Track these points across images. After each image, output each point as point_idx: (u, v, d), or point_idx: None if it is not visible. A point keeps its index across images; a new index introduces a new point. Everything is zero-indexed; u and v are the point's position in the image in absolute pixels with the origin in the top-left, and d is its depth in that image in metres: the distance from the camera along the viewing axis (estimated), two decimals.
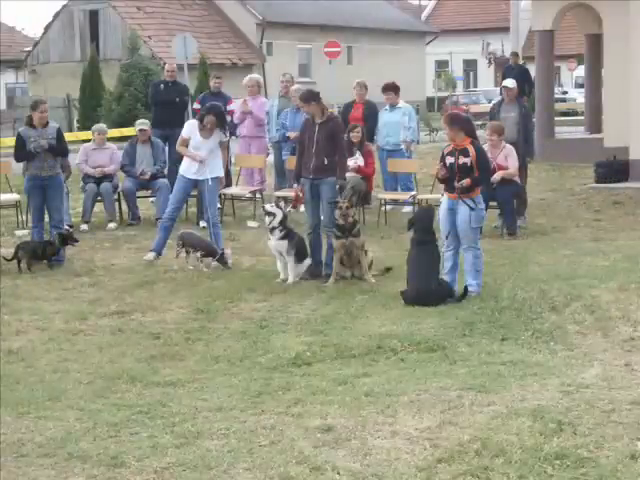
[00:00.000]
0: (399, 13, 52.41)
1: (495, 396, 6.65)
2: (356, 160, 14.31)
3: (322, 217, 10.90)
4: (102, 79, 34.90)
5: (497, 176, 12.71)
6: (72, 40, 41.66)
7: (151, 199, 15.50)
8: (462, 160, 9.65)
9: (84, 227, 14.16)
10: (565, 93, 48.83)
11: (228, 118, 14.07)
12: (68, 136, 15.98)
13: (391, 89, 15.64)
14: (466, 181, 9.58)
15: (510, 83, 14.39)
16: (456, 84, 55.87)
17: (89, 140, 15.42)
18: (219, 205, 13.30)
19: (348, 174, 12.72)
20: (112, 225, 14.32)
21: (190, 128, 11.72)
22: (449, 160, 9.74)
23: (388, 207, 14.69)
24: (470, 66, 61.31)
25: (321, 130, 10.67)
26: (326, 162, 10.67)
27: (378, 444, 5.88)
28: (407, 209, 14.97)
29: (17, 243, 11.83)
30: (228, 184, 14.90)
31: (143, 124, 15.10)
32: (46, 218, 11.96)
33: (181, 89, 16.70)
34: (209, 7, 43.89)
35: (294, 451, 5.76)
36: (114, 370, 7.53)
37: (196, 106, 15.75)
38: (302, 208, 11.82)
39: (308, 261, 10.78)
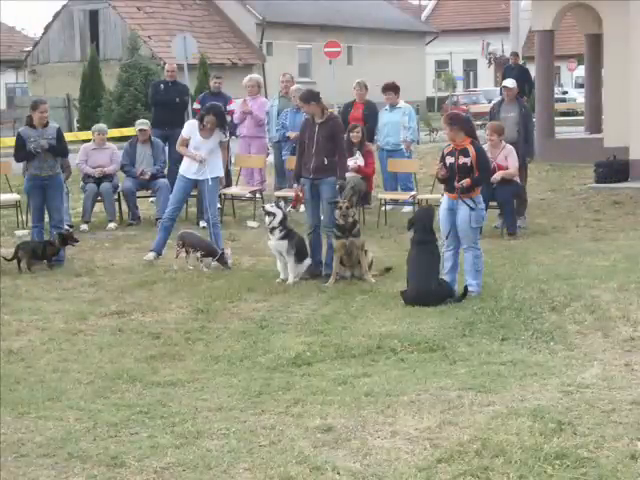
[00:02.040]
0: (399, 13, 52.44)
1: (495, 396, 6.65)
2: (356, 160, 14.31)
3: (322, 217, 10.90)
4: (102, 79, 34.94)
5: (497, 176, 12.71)
6: (72, 40, 41.68)
7: (151, 199, 15.51)
8: (462, 160, 9.65)
9: (84, 227, 14.16)
10: (565, 93, 48.85)
11: (228, 118, 14.07)
12: (68, 136, 15.98)
13: (391, 89, 15.64)
14: (466, 181, 9.57)
15: (510, 83, 14.39)
16: (456, 84, 55.91)
17: (89, 140, 15.41)
18: (219, 205, 13.30)
19: (348, 174, 12.72)
20: (112, 225, 14.32)
21: (190, 128, 11.72)
22: (449, 160, 9.74)
23: (388, 207, 14.68)
24: (470, 66, 61.35)
25: (321, 130, 10.67)
26: (326, 162, 10.66)
27: (378, 444, 5.88)
28: (407, 209, 14.97)
29: (17, 243, 11.83)
30: (228, 184, 14.91)
31: (143, 124, 15.10)
32: (46, 218, 11.96)
33: (181, 89, 16.70)
34: (209, 7, 43.92)
35: (294, 451, 5.76)
36: (114, 370, 7.53)
37: (196, 106, 15.75)
38: (302, 208, 11.83)
39: (308, 261, 10.78)
